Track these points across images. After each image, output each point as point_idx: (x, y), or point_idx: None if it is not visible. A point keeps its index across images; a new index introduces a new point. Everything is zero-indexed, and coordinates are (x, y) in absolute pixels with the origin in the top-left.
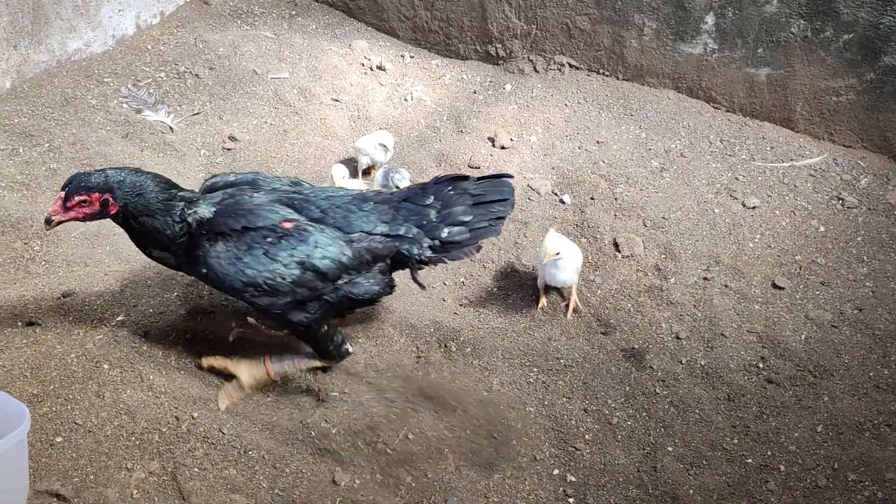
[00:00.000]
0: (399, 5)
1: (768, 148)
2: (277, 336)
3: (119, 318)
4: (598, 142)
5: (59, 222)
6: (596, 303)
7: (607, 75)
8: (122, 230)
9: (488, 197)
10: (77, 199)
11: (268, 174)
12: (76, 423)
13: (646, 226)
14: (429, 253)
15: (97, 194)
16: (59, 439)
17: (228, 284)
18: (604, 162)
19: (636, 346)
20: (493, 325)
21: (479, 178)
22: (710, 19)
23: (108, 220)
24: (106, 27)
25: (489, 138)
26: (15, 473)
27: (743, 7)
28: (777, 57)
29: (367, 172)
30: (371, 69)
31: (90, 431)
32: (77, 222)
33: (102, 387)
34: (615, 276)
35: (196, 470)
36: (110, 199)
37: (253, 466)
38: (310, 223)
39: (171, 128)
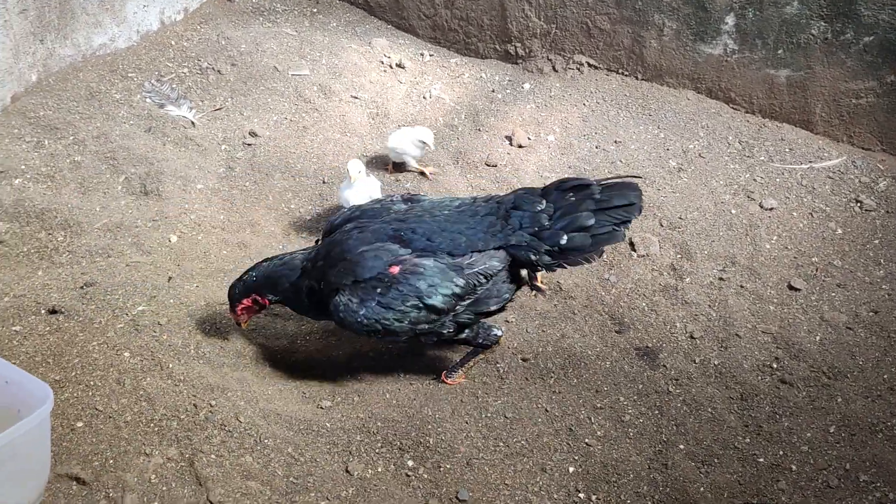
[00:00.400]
0: (419, 4)
1: (787, 149)
2: None
3: (140, 308)
4: (615, 141)
5: (240, 323)
6: (610, 301)
7: (626, 75)
8: (143, 222)
9: (613, 202)
10: (238, 307)
11: (383, 198)
12: (97, 409)
13: (662, 225)
14: (547, 259)
15: (247, 299)
16: (79, 424)
17: (355, 331)
18: (621, 161)
19: (650, 345)
20: (511, 320)
21: (602, 183)
22: (730, 20)
23: (131, 210)
24: (131, 23)
25: (507, 137)
26: (37, 452)
27: (763, 8)
28: (797, 58)
29: (398, 168)
30: (390, 67)
31: (110, 417)
32: None
33: (123, 374)
34: (630, 276)
35: (213, 457)
36: (258, 297)
37: (268, 454)
38: (417, 259)
39: (192, 123)
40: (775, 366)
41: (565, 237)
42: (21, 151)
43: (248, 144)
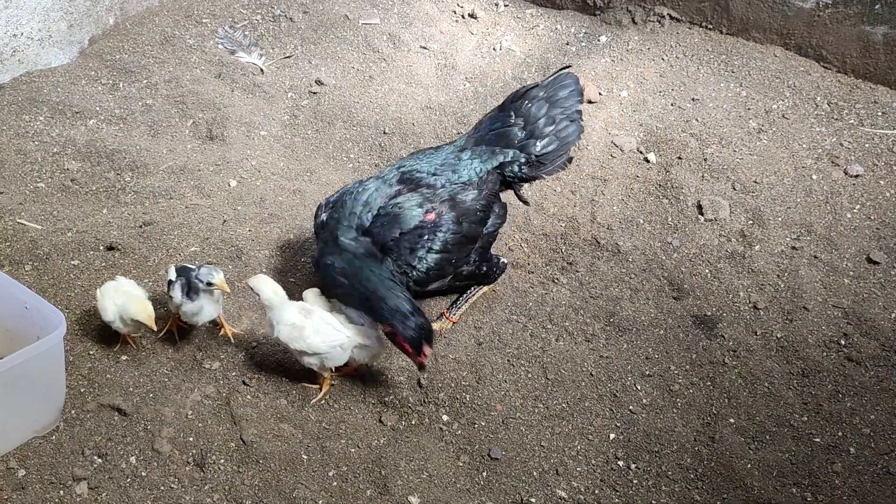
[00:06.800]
0: None
1: (879, 113)
2: None
3: (192, 249)
4: (693, 99)
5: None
6: (671, 266)
7: (710, 29)
8: (206, 166)
9: (558, 94)
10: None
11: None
12: (141, 344)
13: (735, 189)
14: (526, 170)
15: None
16: (124, 357)
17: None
18: (697, 120)
19: (708, 314)
20: (562, 280)
21: (543, 80)
22: None
23: (195, 154)
24: None
25: None
26: (51, 376)
27: None
28: None
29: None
30: (463, 17)
31: (154, 353)
32: None
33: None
34: (695, 240)
35: (249, 397)
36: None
37: (303, 399)
38: (443, 204)
39: (261, 70)
40: (843, 342)
41: (538, 144)
42: (97, 93)
43: (314, 93)
